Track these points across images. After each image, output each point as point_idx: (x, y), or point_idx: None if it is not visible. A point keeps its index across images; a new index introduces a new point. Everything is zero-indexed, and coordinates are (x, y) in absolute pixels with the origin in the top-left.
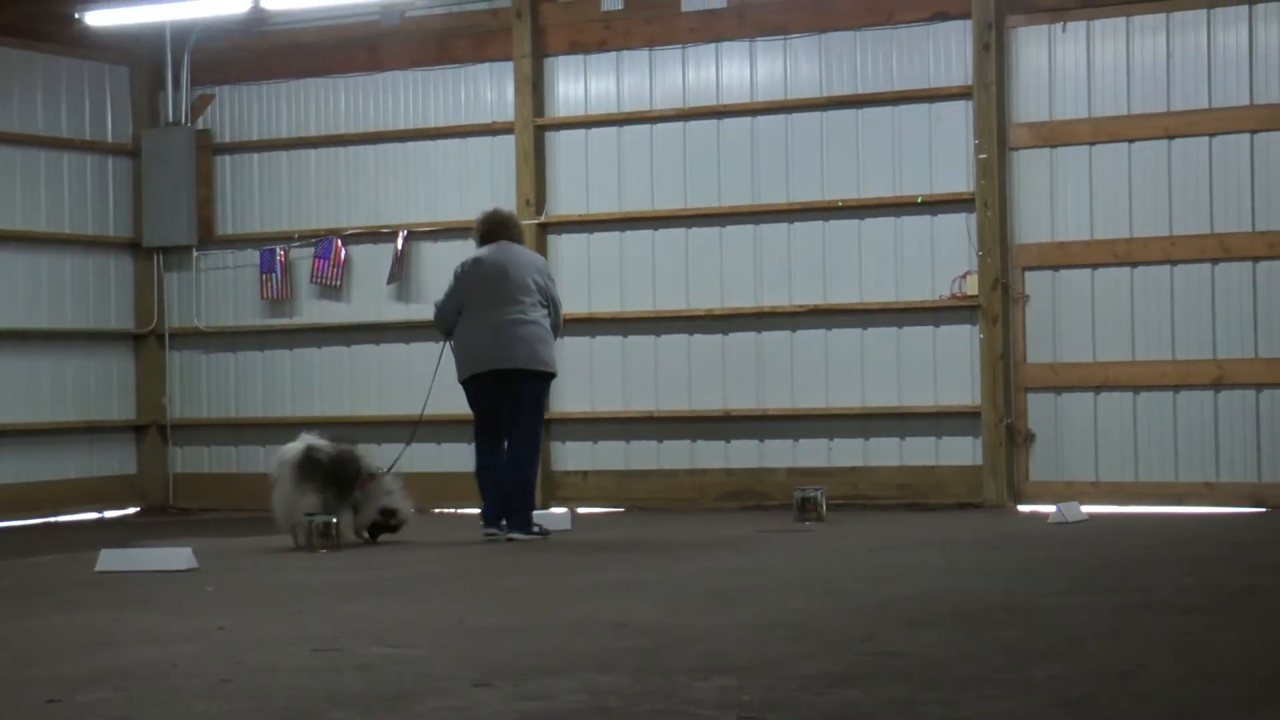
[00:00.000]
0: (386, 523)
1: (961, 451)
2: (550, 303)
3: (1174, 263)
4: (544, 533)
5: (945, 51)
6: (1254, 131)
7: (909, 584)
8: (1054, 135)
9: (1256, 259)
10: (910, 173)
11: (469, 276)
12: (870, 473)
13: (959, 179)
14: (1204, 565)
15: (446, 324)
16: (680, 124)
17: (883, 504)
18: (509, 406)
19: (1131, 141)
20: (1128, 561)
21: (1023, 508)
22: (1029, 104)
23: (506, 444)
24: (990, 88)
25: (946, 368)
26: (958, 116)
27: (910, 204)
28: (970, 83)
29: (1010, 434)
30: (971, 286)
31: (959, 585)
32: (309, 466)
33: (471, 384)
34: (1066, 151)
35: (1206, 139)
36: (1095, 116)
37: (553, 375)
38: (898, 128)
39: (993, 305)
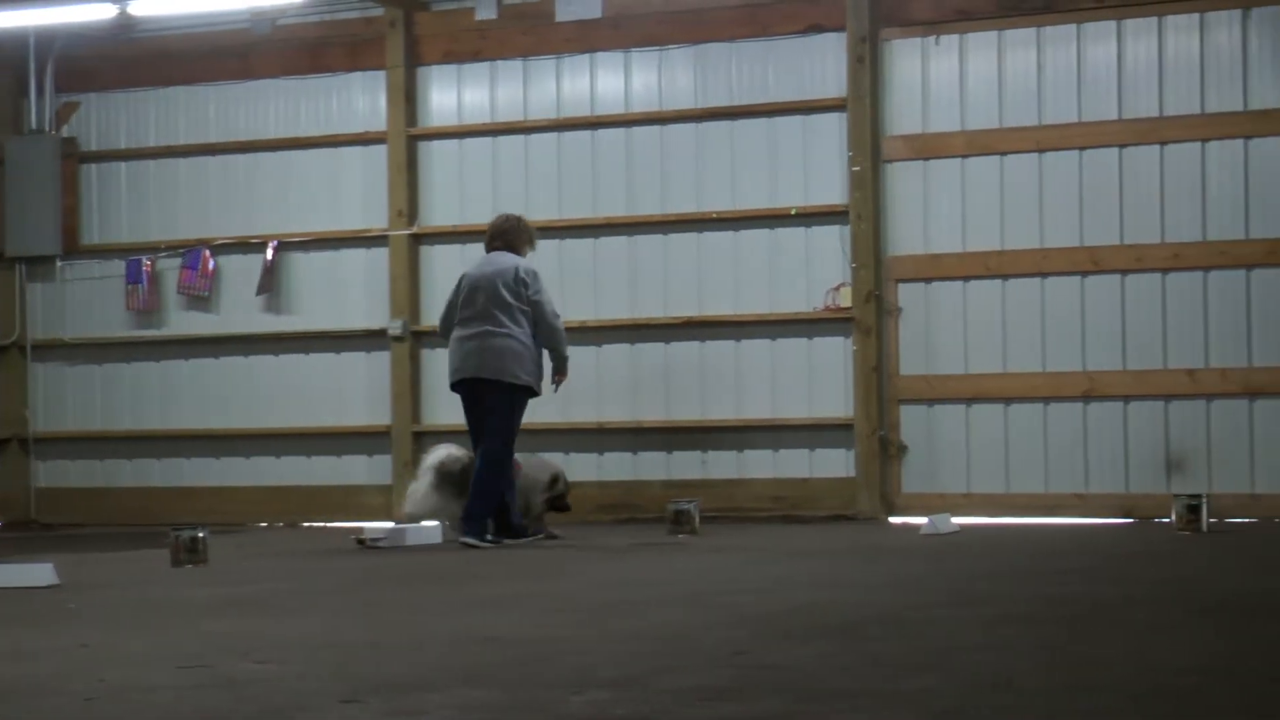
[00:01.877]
0: (559, 501)
1: (835, 464)
2: (533, 308)
3: (1045, 275)
4: (496, 542)
5: (820, 64)
6: (1123, 145)
7: (783, 596)
8: (927, 148)
9: (1125, 271)
10: (785, 184)
11: (457, 290)
12: (745, 485)
13: (833, 191)
14: (1074, 576)
15: (444, 335)
16: (555, 135)
17: (757, 516)
18: (485, 417)
19: (1004, 154)
20: (999, 573)
21: (895, 520)
22: (903, 116)
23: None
24: (864, 100)
25: (820, 380)
26: (832, 128)
27: (785, 216)
28: (845, 95)
29: (883, 446)
30: (845, 298)
31: (833, 598)
32: (442, 475)
33: (456, 392)
34: (940, 164)
35: (1077, 152)
36: (968, 129)
37: (522, 387)
38: (773, 139)
39: (866, 317)
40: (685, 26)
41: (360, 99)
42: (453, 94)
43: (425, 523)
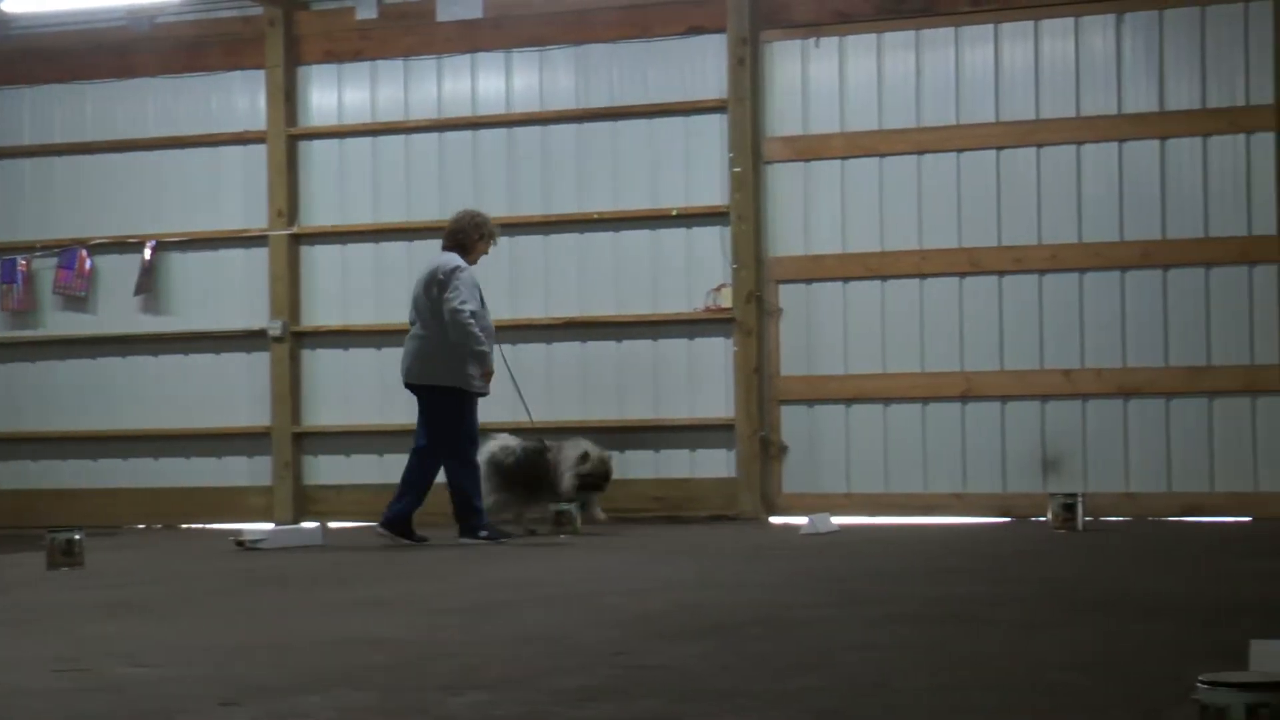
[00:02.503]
0: (589, 479)
1: (716, 464)
2: (442, 306)
3: (924, 276)
4: (494, 538)
5: (701, 65)
6: (1000, 148)
7: (664, 596)
8: (808, 149)
9: (1003, 273)
10: (666, 185)
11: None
12: (626, 485)
13: (714, 192)
14: (953, 576)
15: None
16: (436, 135)
17: (639, 517)
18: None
19: (883, 156)
20: (879, 573)
21: (776, 520)
22: (783, 118)
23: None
24: (745, 101)
25: (701, 380)
26: (713, 130)
27: (666, 216)
28: (726, 96)
29: (764, 446)
30: (726, 299)
31: (714, 598)
32: (492, 467)
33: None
34: (820, 165)
35: (955, 154)
36: (848, 131)
37: (440, 389)
38: (654, 140)
39: (747, 318)
40: (566, 27)
41: (240, 98)
42: (333, 94)
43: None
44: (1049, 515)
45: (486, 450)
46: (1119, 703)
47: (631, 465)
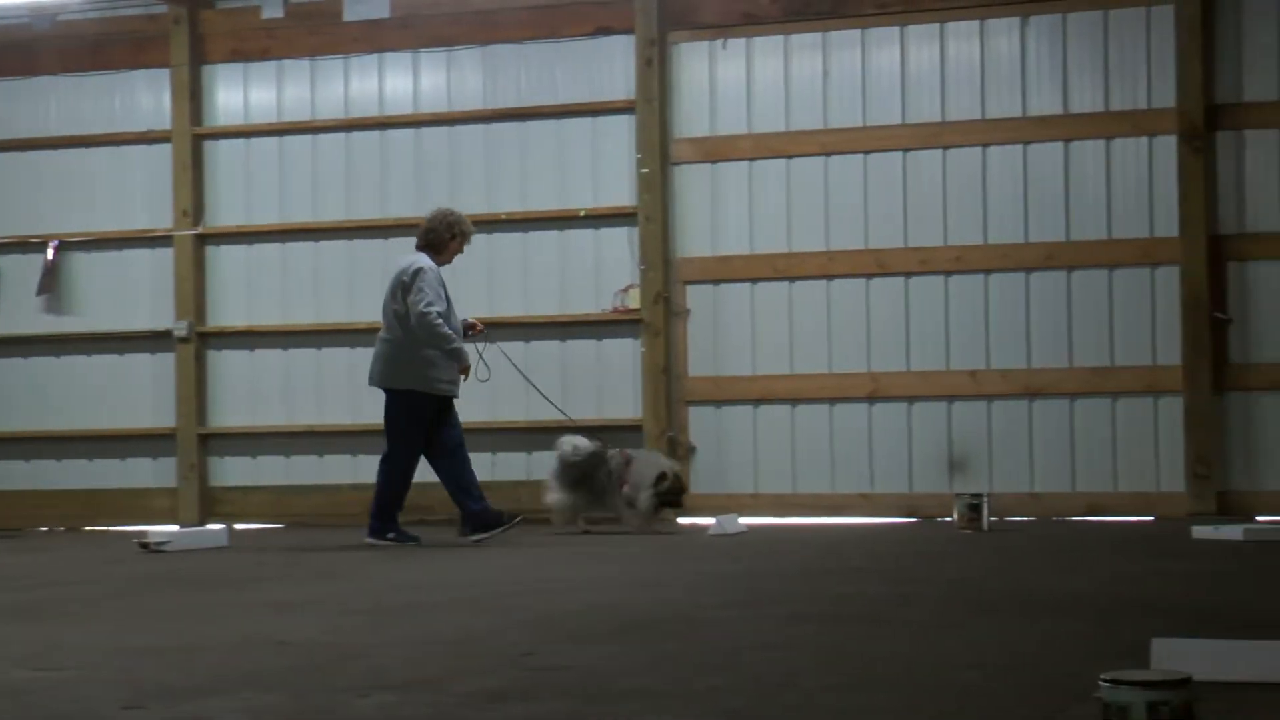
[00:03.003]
0: (668, 497)
1: None
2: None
3: (831, 277)
4: (403, 540)
5: (609, 66)
6: (906, 149)
7: (572, 597)
8: (715, 150)
9: (909, 274)
10: (574, 186)
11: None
12: (535, 486)
13: (622, 193)
14: (860, 576)
15: None
16: (343, 135)
17: (548, 518)
18: None
19: (790, 157)
20: (787, 573)
21: (684, 520)
22: (691, 119)
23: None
24: (653, 102)
25: (609, 381)
26: (621, 130)
27: (574, 217)
28: (633, 97)
29: (672, 447)
30: (634, 300)
31: (621, 598)
32: (559, 467)
33: None
34: (728, 166)
35: (862, 156)
36: (755, 132)
37: (399, 392)
38: (562, 141)
39: (655, 319)
40: (474, 27)
41: (144, 97)
42: (239, 93)
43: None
44: (955, 515)
45: (559, 450)
46: (1022, 701)
47: (538, 466)
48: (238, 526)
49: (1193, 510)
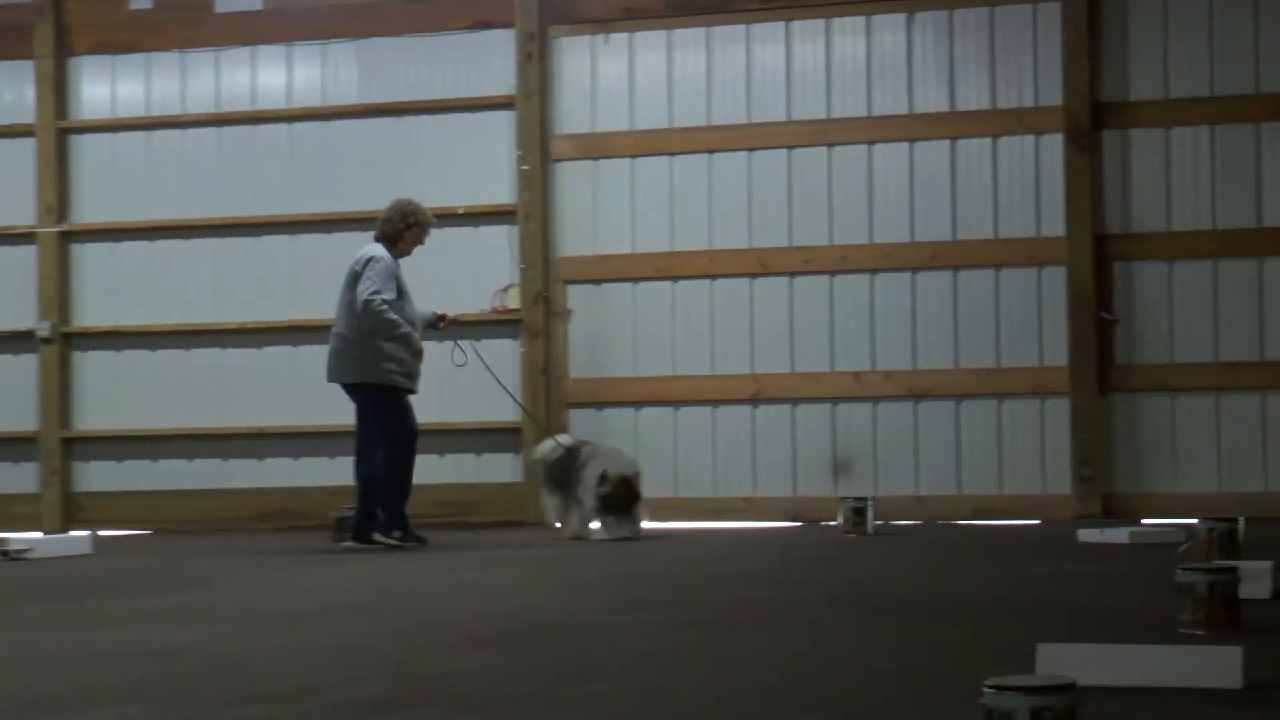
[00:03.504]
0: (608, 500)
1: (503, 469)
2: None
3: (714, 277)
4: (395, 544)
5: (489, 60)
6: (791, 147)
7: (450, 604)
8: (597, 147)
9: (793, 274)
10: (453, 183)
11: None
12: (484, 489)
13: (502, 190)
14: (744, 581)
15: None
16: (214, 130)
17: (425, 523)
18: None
19: (673, 155)
20: (669, 577)
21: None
22: (572, 115)
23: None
24: (533, 98)
25: (488, 383)
26: (501, 126)
27: (453, 215)
28: (514, 92)
29: None
30: (514, 300)
31: (502, 605)
32: (543, 467)
33: None
34: (609, 164)
35: (746, 154)
36: (638, 129)
37: (362, 385)
38: (440, 137)
39: (535, 319)
40: (350, 20)
41: (6, 90)
42: (106, 86)
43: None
44: (839, 519)
45: (537, 451)
46: (907, 706)
47: (417, 470)
48: (103, 533)
49: (1079, 513)
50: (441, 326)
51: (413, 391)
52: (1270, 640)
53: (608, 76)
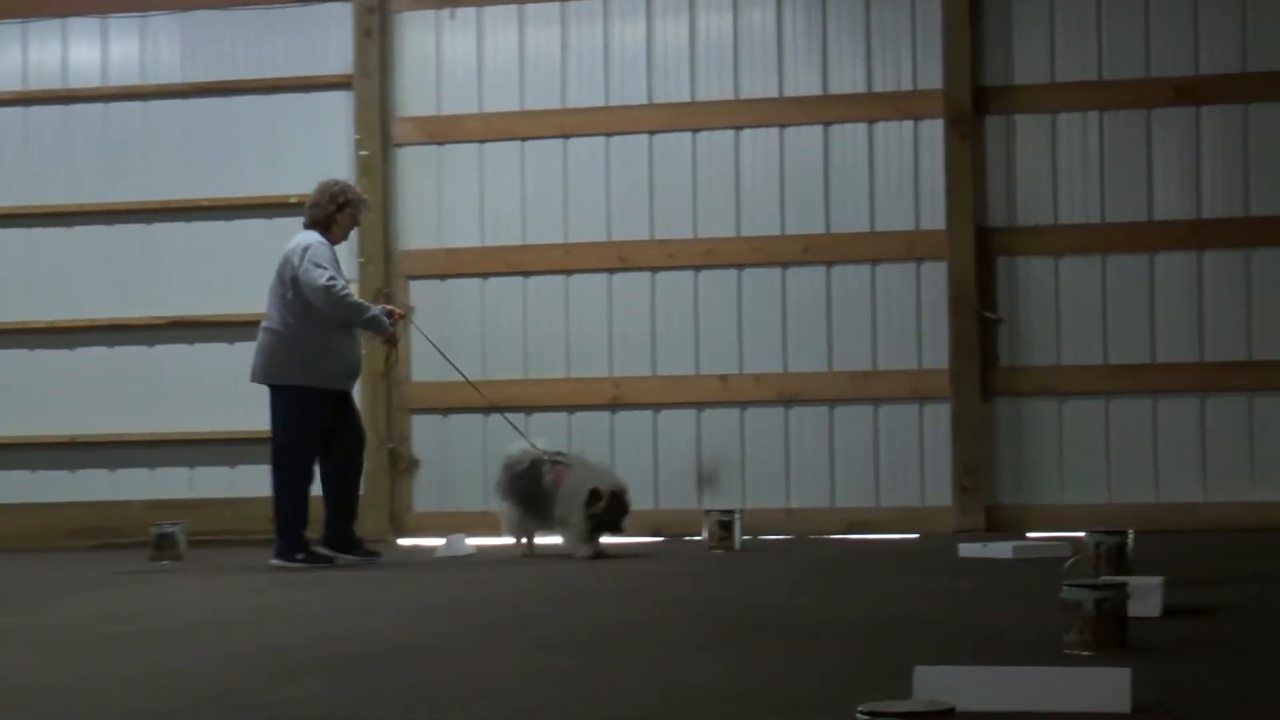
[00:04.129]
0: (602, 519)
1: None
2: (296, 287)
3: (570, 272)
4: (313, 562)
5: (324, 37)
6: (652, 132)
7: (287, 627)
8: (442, 131)
9: (655, 269)
10: (286, 169)
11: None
12: (238, 505)
13: (339, 177)
14: (602, 599)
15: None
16: (21, 109)
17: (255, 539)
18: None
19: (525, 140)
20: (523, 597)
21: (406, 541)
22: (415, 96)
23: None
24: (372, 78)
25: None
26: (338, 108)
27: (285, 205)
28: (351, 71)
29: (393, 460)
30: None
31: (339, 627)
32: (504, 476)
33: None
34: (455, 149)
35: (604, 139)
36: (487, 112)
37: (288, 388)
38: (272, 119)
39: None
40: None
41: None
42: None
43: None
44: (704, 534)
45: (504, 456)
46: None
47: (245, 482)
48: None
49: (960, 526)
50: (393, 322)
51: (348, 390)
52: (1160, 660)
53: (454, 55)
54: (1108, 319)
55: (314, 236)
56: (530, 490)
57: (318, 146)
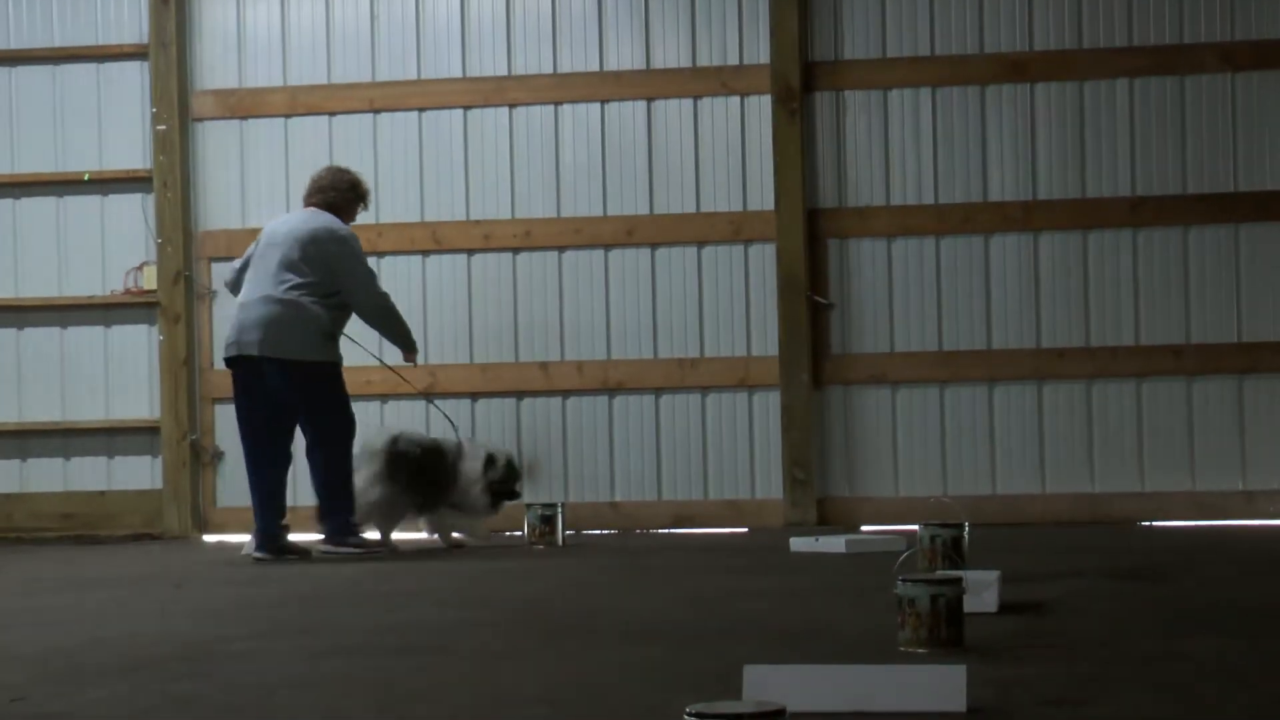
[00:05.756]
0: (501, 486)
1: (139, 474)
2: (334, 276)
3: (380, 254)
4: (368, 548)
5: (117, 3)
6: (467, 108)
7: (71, 631)
8: (244, 105)
9: (471, 251)
10: (75, 145)
11: (253, 244)
12: (27, 500)
13: (134, 154)
14: (410, 599)
15: (233, 293)
16: None
17: (44, 537)
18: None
19: (333, 115)
20: (327, 597)
21: (210, 538)
22: (215, 68)
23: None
24: (169, 48)
25: (120, 375)
26: (132, 80)
27: (76, 182)
28: (146, 41)
29: (195, 453)
30: (149, 280)
31: (131, 631)
32: (377, 460)
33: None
34: (258, 124)
35: (416, 114)
36: (291, 85)
37: (319, 363)
38: (59, 92)
39: (174, 302)
40: None
41: None
42: None
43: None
44: (525, 529)
45: (386, 438)
46: None
47: (34, 477)
48: None
49: (791, 520)
50: None
51: None
52: (996, 658)
53: (256, 24)
54: (942, 304)
55: (339, 223)
56: (421, 471)
57: (111, 121)
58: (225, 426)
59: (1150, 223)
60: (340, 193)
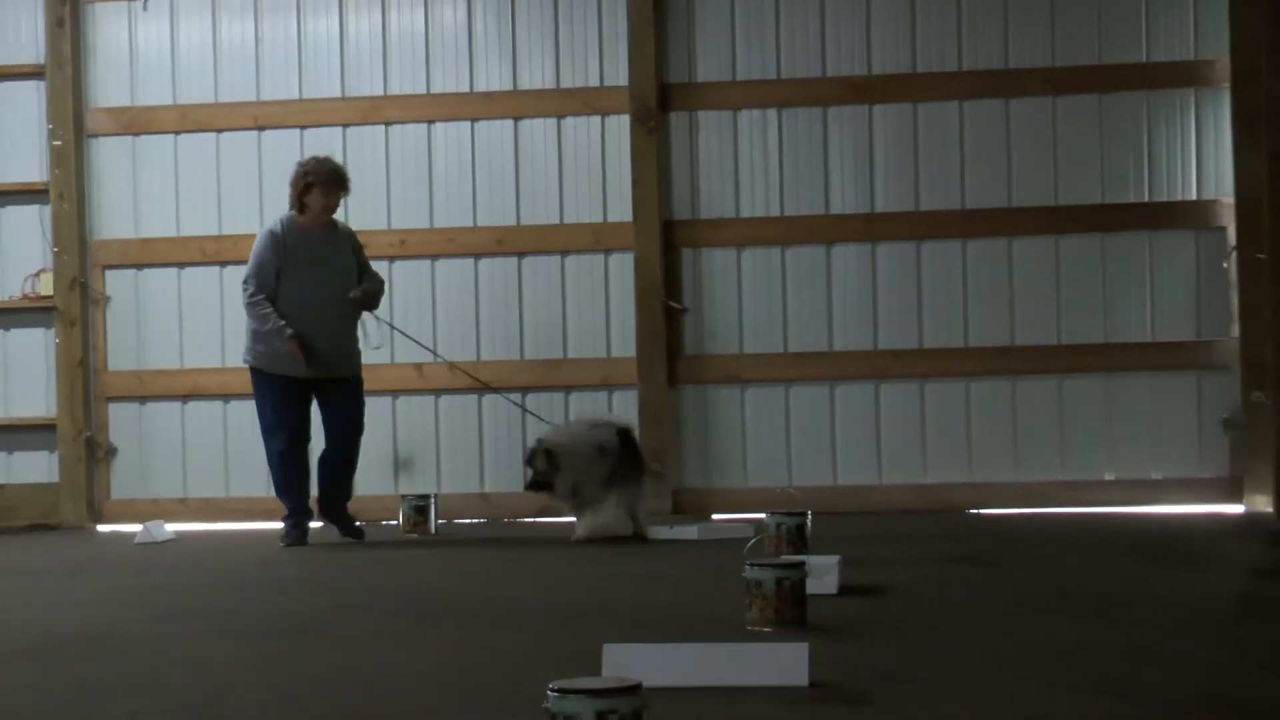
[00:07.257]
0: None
1: (36, 468)
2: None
3: (223, 265)
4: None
5: (15, 25)
6: (346, 125)
7: None
8: (136, 122)
9: (393, 258)
10: None
11: None
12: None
13: (32, 167)
14: (293, 586)
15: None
16: None
17: None
18: None
19: (220, 131)
20: (214, 585)
21: (105, 528)
22: (109, 87)
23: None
24: (65, 68)
25: (19, 376)
26: (30, 98)
27: None
28: (43, 61)
29: (90, 448)
30: (46, 286)
31: (29, 617)
32: (599, 462)
33: None
34: (150, 140)
35: (298, 131)
36: (181, 103)
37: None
38: None
39: (70, 307)
40: None
41: None
42: None
43: None
44: (400, 518)
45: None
46: (465, 713)
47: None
48: None
49: (650, 509)
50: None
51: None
52: (837, 637)
53: (147, 45)
54: (788, 309)
55: (276, 221)
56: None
57: (9, 137)
58: (119, 424)
59: (979, 233)
60: (291, 186)
